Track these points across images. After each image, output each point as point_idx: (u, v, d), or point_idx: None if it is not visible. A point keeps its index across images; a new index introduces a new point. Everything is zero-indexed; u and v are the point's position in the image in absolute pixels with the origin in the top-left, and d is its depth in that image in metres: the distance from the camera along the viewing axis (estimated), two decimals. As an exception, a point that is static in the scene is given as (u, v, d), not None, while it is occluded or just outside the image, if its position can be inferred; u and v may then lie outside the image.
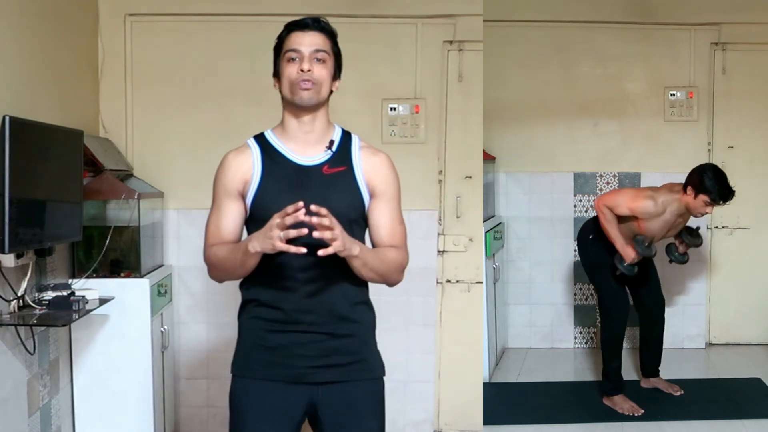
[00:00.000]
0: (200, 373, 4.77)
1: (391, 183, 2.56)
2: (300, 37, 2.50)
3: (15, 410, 3.47)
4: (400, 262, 2.54)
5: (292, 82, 2.48)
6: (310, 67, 2.47)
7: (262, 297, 2.51)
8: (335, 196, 2.46)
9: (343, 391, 2.51)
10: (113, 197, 4.19)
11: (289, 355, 2.48)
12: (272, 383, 2.50)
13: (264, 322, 2.51)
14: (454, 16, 4.72)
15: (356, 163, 2.53)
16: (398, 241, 2.55)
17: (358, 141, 2.60)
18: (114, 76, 4.64)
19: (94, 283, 4.00)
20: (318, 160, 2.52)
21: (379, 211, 2.53)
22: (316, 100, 2.49)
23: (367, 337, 2.59)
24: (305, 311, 2.46)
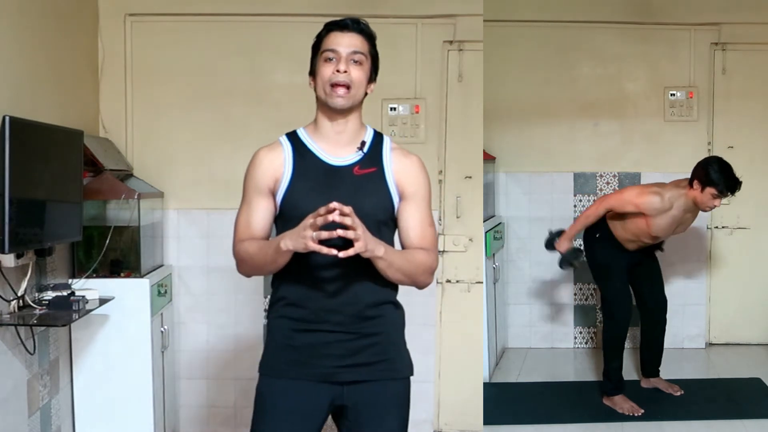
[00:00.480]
0: (200, 373, 4.77)
1: (422, 185, 2.55)
2: (338, 37, 2.50)
3: (15, 410, 3.47)
4: (428, 265, 2.52)
5: (327, 82, 2.47)
6: (346, 68, 2.46)
7: (289, 296, 2.51)
8: (365, 198, 2.46)
9: (369, 391, 2.51)
10: (113, 197, 4.19)
11: (316, 355, 2.48)
12: (298, 382, 2.50)
13: (291, 321, 2.51)
14: (454, 16, 4.72)
15: (387, 165, 2.53)
16: (428, 244, 2.54)
17: (389, 142, 2.59)
18: (114, 76, 4.64)
19: (94, 283, 4.00)
20: (349, 160, 2.52)
21: (408, 213, 2.53)
22: (351, 103, 2.49)
23: (394, 337, 2.58)
24: (331, 311, 2.46)
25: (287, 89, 4.72)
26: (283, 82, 4.73)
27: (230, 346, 4.78)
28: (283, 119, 4.66)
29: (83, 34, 4.47)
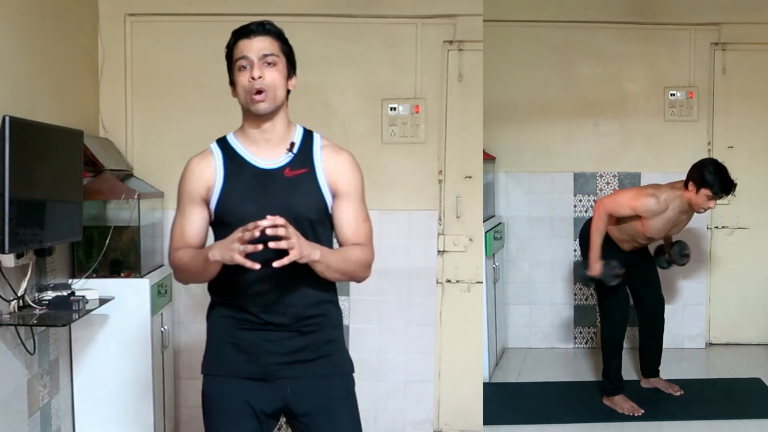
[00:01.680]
0: (200, 373, 4.76)
1: (353, 181, 2.57)
2: (246, 44, 2.52)
3: (15, 410, 3.47)
4: (365, 260, 2.56)
5: (246, 91, 2.49)
6: (261, 74, 2.48)
7: (231, 300, 2.55)
8: (297, 199, 2.49)
9: (314, 387, 2.55)
10: (113, 197, 4.19)
11: (260, 352, 2.52)
12: (243, 380, 2.54)
13: (235, 321, 2.56)
14: (453, 16, 4.72)
15: (318, 164, 2.54)
16: (362, 239, 2.57)
17: (320, 140, 2.60)
18: (114, 76, 4.64)
19: (94, 283, 4.00)
20: (280, 162, 2.53)
21: (342, 211, 2.55)
22: (272, 106, 2.51)
23: (333, 335, 2.61)
24: (273, 313, 2.50)
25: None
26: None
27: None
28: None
29: (83, 34, 4.47)
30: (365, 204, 2.61)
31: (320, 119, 4.62)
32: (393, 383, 4.82)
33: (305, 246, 2.34)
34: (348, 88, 4.76)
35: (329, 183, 2.53)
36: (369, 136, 4.75)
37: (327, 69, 4.72)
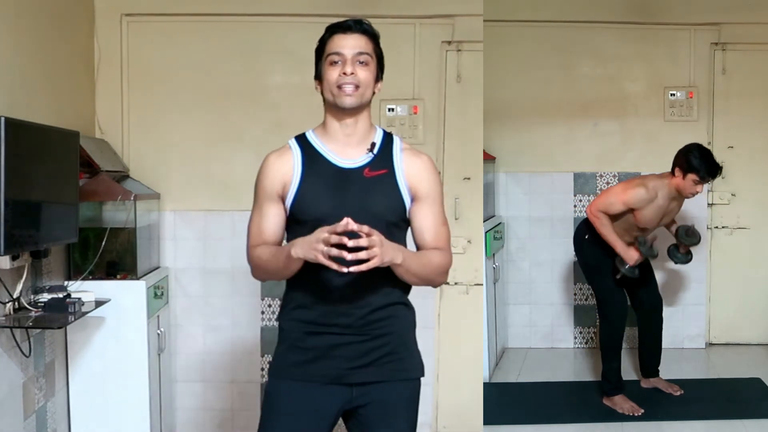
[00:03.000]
0: (196, 375, 4.75)
1: (434, 185, 2.54)
2: (342, 39, 2.50)
3: (10, 413, 3.44)
4: (444, 265, 2.54)
5: (334, 84, 2.47)
6: (353, 70, 2.46)
7: (299, 299, 2.51)
8: (376, 200, 2.46)
9: (378, 392, 2.51)
10: (109, 199, 4.17)
11: (326, 356, 2.48)
12: (308, 384, 2.50)
13: (301, 323, 2.51)
14: (452, 17, 4.70)
15: (398, 166, 2.51)
16: (442, 243, 2.54)
17: (399, 143, 2.58)
18: (110, 76, 4.62)
19: (90, 285, 3.98)
20: (359, 162, 2.50)
21: (423, 215, 2.52)
22: (359, 102, 2.48)
23: (404, 337, 2.59)
24: (341, 313, 2.46)
25: (284, 90, 4.70)
26: (280, 83, 4.71)
27: (227, 349, 4.76)
28: (280, 120, 4.67)
29: (79, 34, 4.44)
30: (443, 208, 2.58)
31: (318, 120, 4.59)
32: (391, 385, 4.79)
33: (389, 250, 2.31)
34: (346, 89, 4.73)
35: (409, 186, 2.50)
36: (367, 137, 4.72)
37: (325, 69, 4.69)
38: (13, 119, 3.19)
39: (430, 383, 4.79)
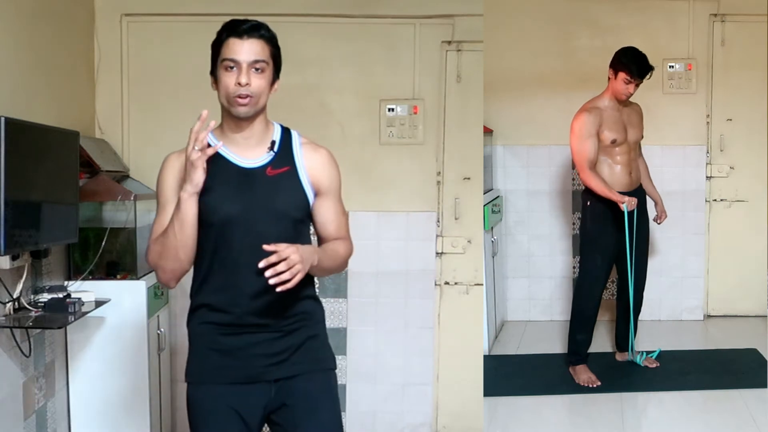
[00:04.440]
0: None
1: (335, 178, 2.59)
2: (237, 45, 2.47)
3: (10, 413, 3.44)
4: (348, 255, 2.63)
5: (230, 94, 2.45)
6: (248, 81, 2.44)
7: (211, 302, 2.50)
8: (281, 198, 2.48)
9: (298, 385, 2.53)
10: (109, 198, 4.17)
11: (244, 356, 2.50)
12: (229, 386, 2.50)
13: (216, 326, 2.51)
14: (452, 17, 4.70)
15: (299, 162, 2.54)
16: (344, 233, 2.62)
17: (298, 137, 2.60)
18: (110, 76, 4.62)
19: (90, 285, 3.98)
20: (261, 161, 2.51)
21: (325, 208, 2.57)
22: (254, 111, 2.48)
23: (315, 330, 2.60)
24: (255, 314, 2.47)
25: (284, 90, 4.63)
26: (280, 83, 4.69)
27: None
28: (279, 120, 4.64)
29: (79, 34, 4.44)
30: (341, 198, 2.63)
31: (318, 120, 4.62)
32: (391, 386, 4.80)
33: (307, 257, 2.35)
34: (346, 89, 4.74)
35: (311, 181, 2.53)
36: (367, 137, 4.73)
37: (325, 69, 4.70)
38: (13, 119, 3.18)
39: (430, 383, 4.80)
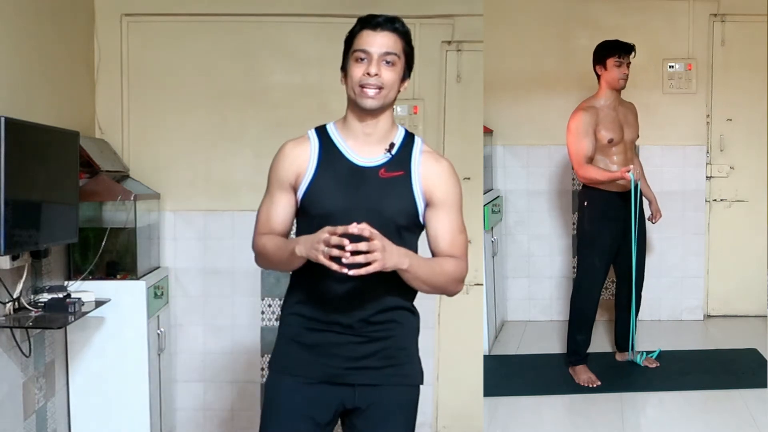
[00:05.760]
0: (197, 376, 4.75)
1: (452, 191, 2.49)
2: (371, 36, 2.43)
3: (10, 413, 3.44)
4: (458, 274, 2.48)
5: (357, 83, 2.41)
6: (378, 72, 2.40)
7: (303, 295, 2.49)
8: (388, 201, 2.42)
9: (376, 395, 2.49)
10: (109, 199, 4.17)
11: (326, 354, 2.46)
12: (307, 380, 2.48)
13: (303, 319, 2.49)
14: (452, 16, 4.71)
15: (415, 169, 2.47)
16: (458, 251, 2.48)
17: (420, 145, 2.53)
18: (110, 76, 4.62)
19: (90, 285, 3.98)
20: (376, 161, 2.46)
21: (437, 221, 2.47)
22: (381, 104, 2.43)
23: (405, 343, 2.55)
24: (343, 313, 2.43)
25: (284, 90, 4.70)
26: (280, 83, 4.71)
27: (227, 349, 4.76)
28: (280, 120, 4.68)
29: (79, 34, 4.44)
30: (462, 215, 2.53)
31: (318, 120, 4.54)
32: (391, 386, 4.79)
33: (393, 255, 2.26)
34: (346, 89, 4.72)
35: (424, 190, 2.46)
36: (367, 137, 4.71)
37: (325, 69, 4.69)
38: (13, 119, 3.18)
39: (431, 383, 4.79)
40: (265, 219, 2.52)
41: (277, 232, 2.50)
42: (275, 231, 2.50)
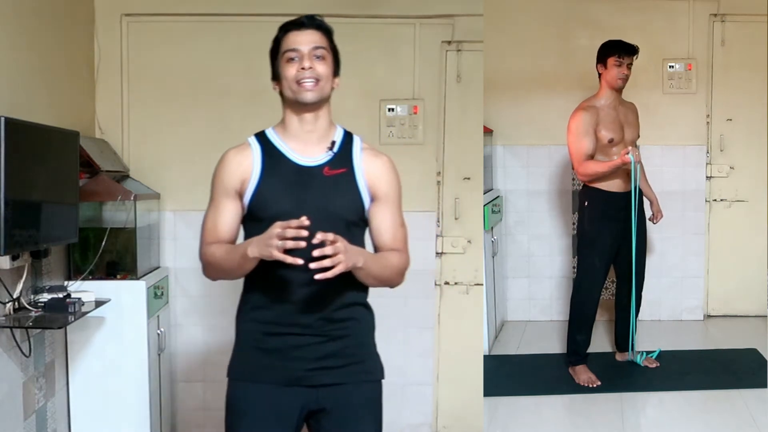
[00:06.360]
0: (197, 375, 4.75)
1: (393, 186, 2.55)
2: (297, 36, 2.49)
3: (10, 413, 3.44)
4: (402, 267, 2.55)
5: (293, 80, 2.46)
6: (311, 65, 2.45)
7: (258, 300, 2.51)
8: (335, 199, 2.45)
9: (341, 394, 2.50)
10: (109, 199, 4.17)
11: (286, 358, 2.47)
12: (269, 386, 2.48)
13: (260, 324, 2.51)
14: (452, 16, 4.71)
15: (357, 165, 2.51)
16: (400, 245, 2.55)
17: (359, 142, 2.58)
18: (110, 76, 4.62)
19: (90, 285, 3.98)
20: (319, 160, 2.50)
21: (381, 215, 2.52)
22: (320, 96, 2.47)
23: (364, 339, 2.58)
24: (302, 313, 2.45)
25: (284, 90, 4.69)
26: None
27: (227, 349, 4.69)
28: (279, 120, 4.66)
29: (79, 34, 4.44)
30: (401, 209, 2.58)
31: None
32: (391, 386, 4.72)
33: (352, 255, 2.31)
34: (346, 89, 4.64)
35: (368, 185, 2.50)
36: (367, 137, 4.60)
37: (325, 69, 4.69)
38: (13, 119, 3.18)
39: (431, 383, 4.80)
40: (212, 228, 2.55)
41: (225, 240, 2.53)
42: (222, 239, 2.52)
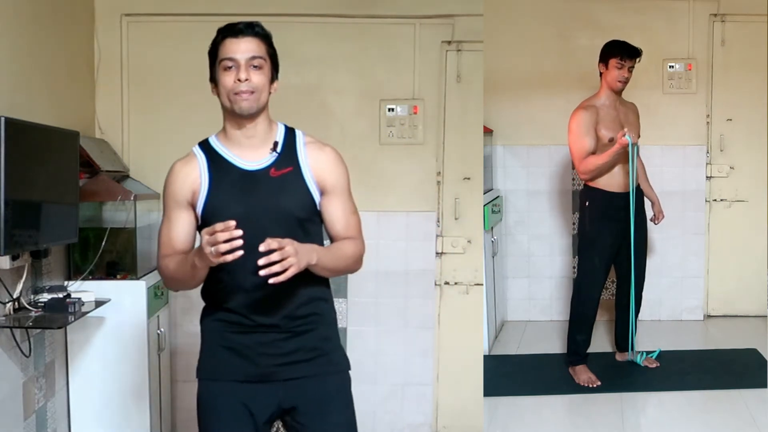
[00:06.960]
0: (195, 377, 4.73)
1: (340, 176, 2.58)
2: (234, 44, 2.52)
3: (10, 413, 3.44)
4: (358, 254, 2.59)
5: (230, 91, 2.48)
6: (247, 76, 2.47)
7: (221, 301, 2.54)
8: (284, 199, 2.48)
9: (310, 387, 2.54)
10: (109, 199, 4.17)
11: (253, 354, 2.51)
12: (238, 384, 2.53)
13: (226, 324, 2.55)
14: (452, 16, 4.70)
15: (303, 162, 2.54)
16: (353, 232, 2.59)
17: (302, 137, 2.60)
18: (110, 76, 4.62)
19: (90, 285, 3.98)
20: (264, 163, 2.52)
21: (333, 207, 2.56)
22: (256, 107, 2.50)
23: (327, 333, 2.60)
24: (263, 314, 2.49)
25: (284, 90, 4.63)
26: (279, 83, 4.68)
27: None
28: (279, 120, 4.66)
29: (79, 34, 4.44)
30: (352, 196, 2.62)
31: (318, 120, 4.62)
32: (391, 386, 4.80)
33: (304, 255, 2.33)
34: (346, 89, 4.74)
35: (316, 180, 2.53)
36: (367, 137, 4.72)
37: (324, 69, 4.70)
38: (13, 119, 3.18)
39: (431, 383, 4.80)
40: (167, 240, 2.56)
41: (180, 251, 2.54)
42: (178, 250, 2.54)
